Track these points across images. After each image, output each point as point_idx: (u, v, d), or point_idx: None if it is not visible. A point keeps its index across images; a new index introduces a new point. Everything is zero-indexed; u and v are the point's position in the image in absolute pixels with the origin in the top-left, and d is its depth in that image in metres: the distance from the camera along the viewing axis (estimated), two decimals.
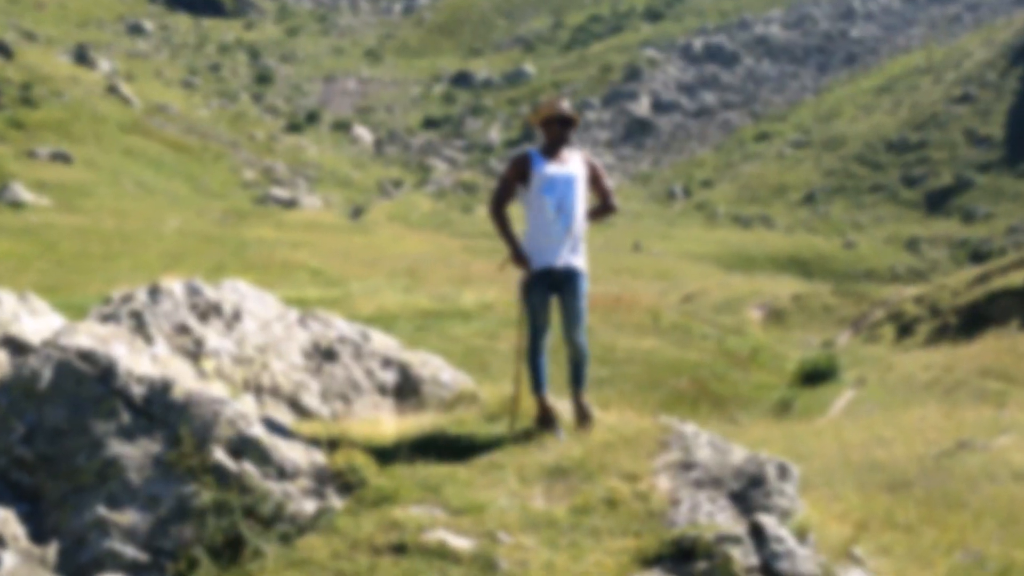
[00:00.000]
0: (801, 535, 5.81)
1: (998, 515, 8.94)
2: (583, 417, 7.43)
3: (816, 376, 26.00)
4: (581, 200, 7.49)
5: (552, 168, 7.40)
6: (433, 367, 8.71)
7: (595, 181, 7.70)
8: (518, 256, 7.34)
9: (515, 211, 7.42)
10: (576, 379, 7.59)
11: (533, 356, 7.63)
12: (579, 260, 7.45)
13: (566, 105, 7.56)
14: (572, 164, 7.53)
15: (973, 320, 30.55)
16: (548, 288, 7.44)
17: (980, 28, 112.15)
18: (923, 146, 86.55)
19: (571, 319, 7.46)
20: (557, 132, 7.52)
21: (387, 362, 8.60)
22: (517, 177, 7.42)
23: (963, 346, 28.30)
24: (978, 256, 66.39)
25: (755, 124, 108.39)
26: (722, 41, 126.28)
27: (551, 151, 7.52)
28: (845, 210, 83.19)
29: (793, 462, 6.53)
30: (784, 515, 5.95)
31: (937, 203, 79.39)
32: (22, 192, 60.23)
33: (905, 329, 33.48)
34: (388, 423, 7.64)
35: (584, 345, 7.53)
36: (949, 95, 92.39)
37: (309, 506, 6.14)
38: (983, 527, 8.38)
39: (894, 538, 7.51)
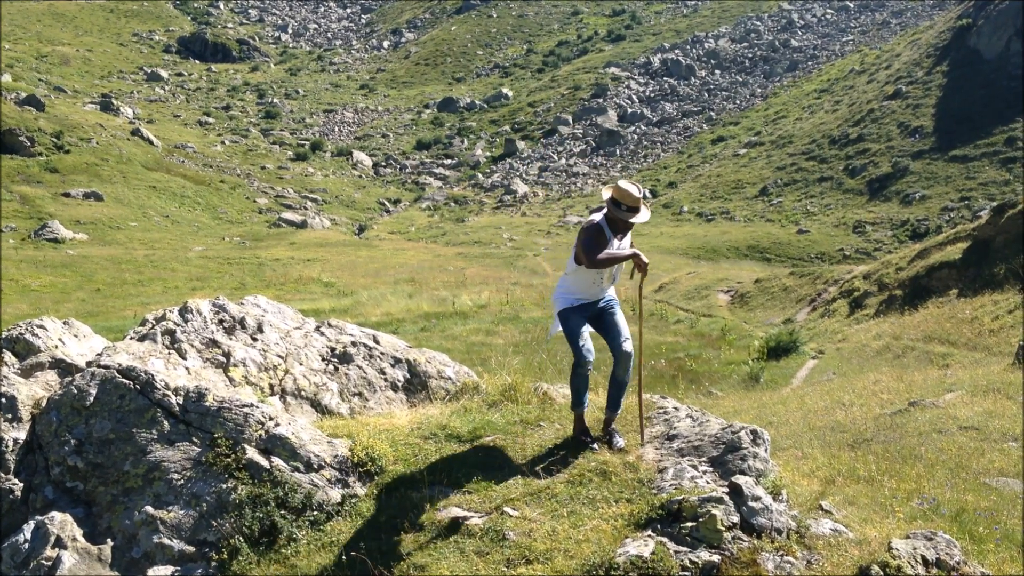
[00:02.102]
0: (775, 493, 5.83)
1: (948, 464, 8.97)
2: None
3: (779, 350, 26.02)
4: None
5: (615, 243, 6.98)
6: (438, 363, 8.70)
7: None
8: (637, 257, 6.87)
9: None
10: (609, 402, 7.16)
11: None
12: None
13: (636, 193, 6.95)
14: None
15: (916, 292, 30.62)
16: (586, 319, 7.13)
17: (906, 31, 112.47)
18: (862, 139, 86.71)
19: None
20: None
21: (396, 361, 8.58)
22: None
23: (908, 316, 28.37)
24: (917, 234, 66.57)
25: (711, 129, 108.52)
26: (677, 57, 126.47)
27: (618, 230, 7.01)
28: (796, 200, 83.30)
29: (764, 428, 6.54)
30: (759, 476, 5.96)
31: (878, 189, 79.55)
32: (60, 229, 60.11)
33: (856, 304, 33.53)
34: (401, 415, 7.63)
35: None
36: (882, 92, 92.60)
37: (335, 494, 6.14)
38: (936, 476, 8.42)
39: (858, 490, 7.53)
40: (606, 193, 6.92)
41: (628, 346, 6.86)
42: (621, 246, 6.87)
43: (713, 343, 28.64)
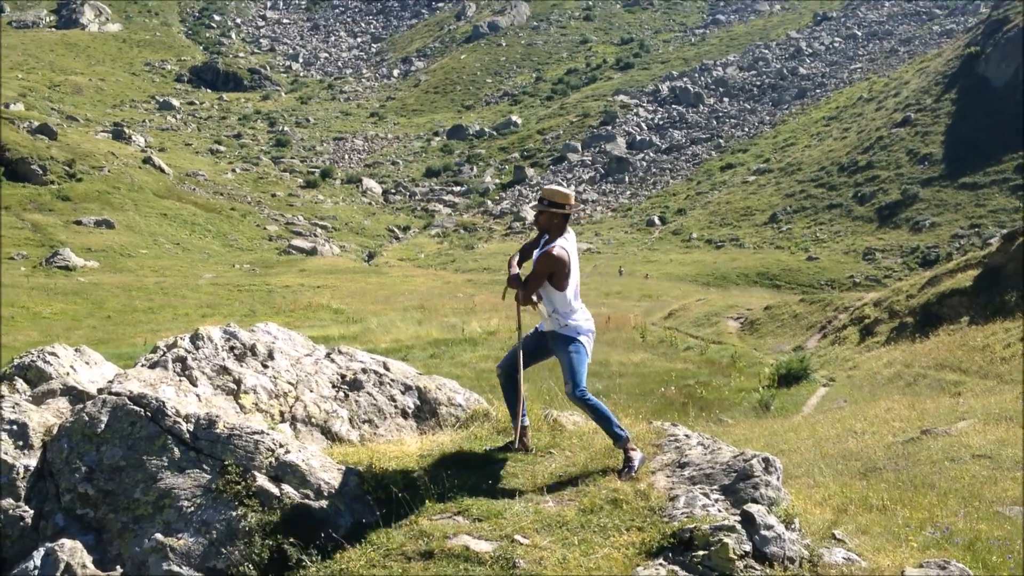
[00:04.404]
0: (787, 521, 5.79)
1: (961, 493, 8.91)
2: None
3: (790, 378, 25.90)
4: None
5: None
6: (448, 390, 8.69)
7: None
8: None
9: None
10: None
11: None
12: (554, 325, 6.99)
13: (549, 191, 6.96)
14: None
15: (927, 319, 30.49)
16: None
17: (914, 59, 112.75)
18: (871, 167, 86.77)
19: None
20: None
21: (407, 388, 8.58)
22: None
23: (920, 343, 28.25)
24: (927, 261, 66.44)
25: (720, 156, 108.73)
26: (686, 84, 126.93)
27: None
28: (806, 227, 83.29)
29: (775, 456, 6.51)
30: (771, 504, 5.93)
31: (887, 216, 79.51)
32: (72, 257, 60.37)
33: (867, 331, 33.40)
34: (411, 443, 7.61)
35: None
36: (891, 120, 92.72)
37: (345, 522, 6.12)
38: (949, 504, 8.36)
39: (870, 519, 7.48)
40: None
41: (567, 390, 6.81)
42: (534, 255, 6.97)
43: (723, 370, 28.54)
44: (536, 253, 6.94)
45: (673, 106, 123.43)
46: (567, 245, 6.87)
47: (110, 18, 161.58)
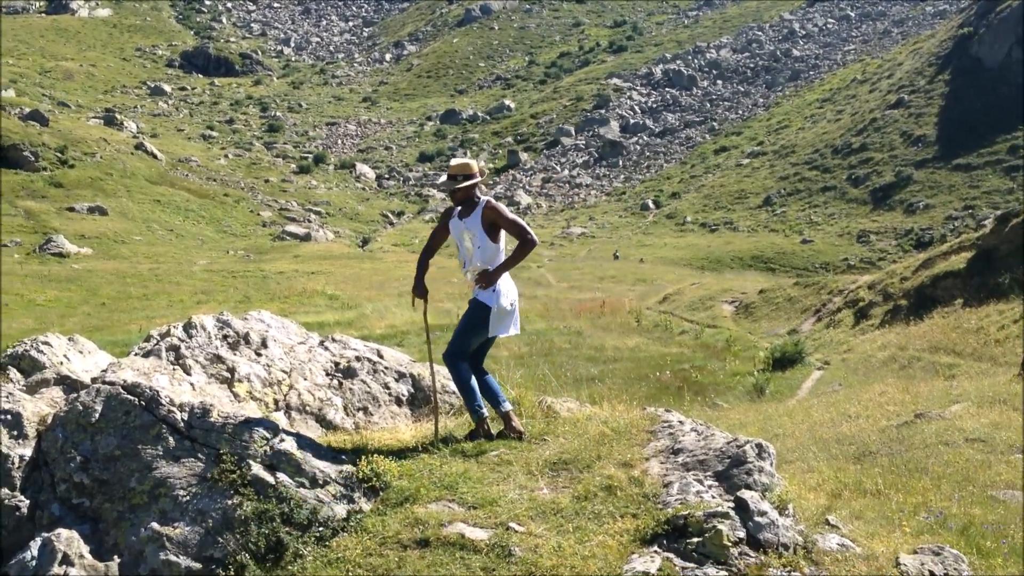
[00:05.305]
0: (781, 507, 5.81)
1: (955, 477, 8.96)
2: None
3: (785, 361, 25.99)
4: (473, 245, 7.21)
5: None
6: (442, 377, 8.70)
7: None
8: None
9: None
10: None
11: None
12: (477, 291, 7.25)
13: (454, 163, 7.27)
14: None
15: (921, 302, 30.59)
16: None
17: (908, 40, 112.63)
18: (865, 149, 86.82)
19: None
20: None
21: (401, 375, 8.59)
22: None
23: (914, 326, 28.34)
24: (921, 244, 66.55)
25: (714, 139, 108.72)
26: (679, 67, 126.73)
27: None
28: (800, 210, 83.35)
29: (769, 441, 6.53)
30: (765, 490, 5.94)
31: (881, 199, 79.58)
32: (65, 244, 60.21)
33: (861, 314, 33.49)
34: (406, 430, 7.63)
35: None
36: (885, 102, 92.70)
37: (340, 510, 6.13)
38: (943, 489, 8.40)
39: (865, 504, 7.52)
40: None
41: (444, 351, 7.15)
42: (465, 224, 7.15)
43: (718, 354, 28.61)
44: (460, 223, 7.18)
45: (667, 89, 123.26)
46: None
47: (100, 3, 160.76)
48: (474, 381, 7.14)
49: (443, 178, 7.18)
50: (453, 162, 7.22)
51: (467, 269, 7.27)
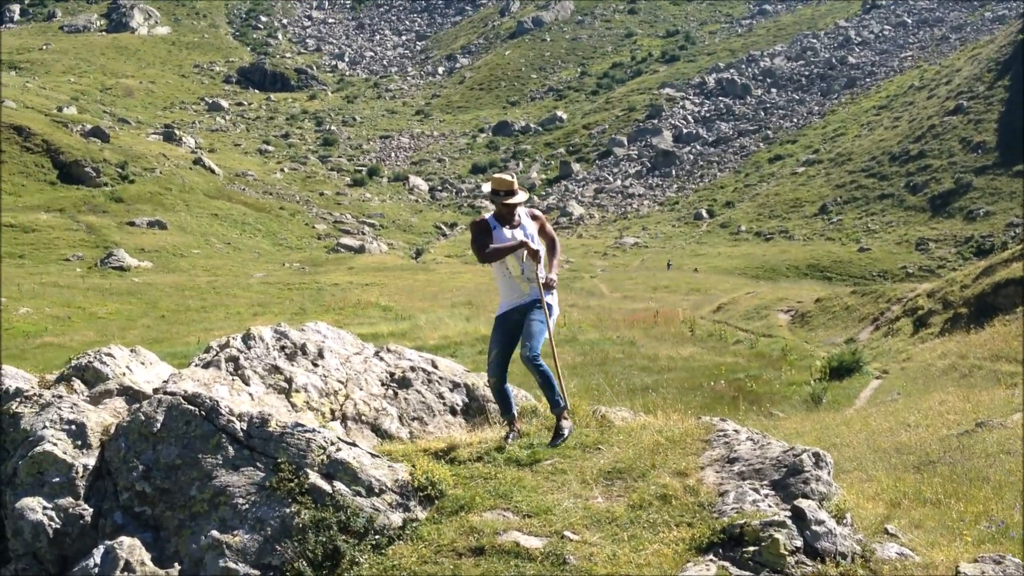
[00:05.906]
0: (839, 516, 5.76)
1: (1017, 486, 8.79)
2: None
3: (842, 370, 25.64)
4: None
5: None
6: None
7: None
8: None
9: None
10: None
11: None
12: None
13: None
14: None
15: (982, 309, 30.03)
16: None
17: (966, 46, 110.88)
18: (923, 155, 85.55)
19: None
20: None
21: (455, 385, 8.63)
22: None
23: (974, 334, 27.84)
24: (982, 251, 65.36)
25: (768, 148, 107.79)
26: (732, 76, 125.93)
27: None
28: (857, 218, 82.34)
29: (827, 450, 6.47)
30: (822, 499, 5.89)
31: (940, 206, 78.35)
32: (126, 257, 61.37)
33: (920, 322, 32.97)
34: (460, 440, 7.66)
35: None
36: (943, 108, 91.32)
37: (396, 518, 6.18)
38: (1004, 498, 8.25)
39: (924, 513, 7.41)
40: (486, 187, 7.61)
41: (525, 352, 7.25)
42: (514, 236, 7.27)
43: (774, 363, 28.32)
44: (517, 233, 7.35)
45: (720, 98, 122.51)
46: None
47: (159, 21, 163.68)
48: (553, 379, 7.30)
49: (521, 196, 7.29)
50: (497, 176, 7.40)
51: (525, 275, 7.40)
